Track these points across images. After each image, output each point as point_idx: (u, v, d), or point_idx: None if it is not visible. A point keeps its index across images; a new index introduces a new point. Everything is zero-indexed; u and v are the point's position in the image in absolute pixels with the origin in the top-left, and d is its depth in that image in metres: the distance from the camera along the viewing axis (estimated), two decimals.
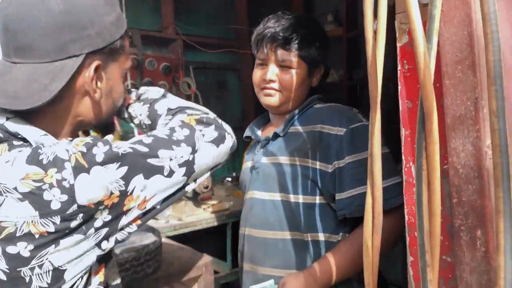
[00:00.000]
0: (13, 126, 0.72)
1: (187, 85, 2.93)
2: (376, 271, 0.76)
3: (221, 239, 2.43)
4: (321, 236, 1.21)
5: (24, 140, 0.73)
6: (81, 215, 0.69)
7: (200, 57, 3.12)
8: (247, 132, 1.45)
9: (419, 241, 0.63)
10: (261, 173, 1.29)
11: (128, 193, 0.72)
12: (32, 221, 0.66)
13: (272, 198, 1.26)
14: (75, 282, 0.73)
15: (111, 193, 0.70)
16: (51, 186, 0.66)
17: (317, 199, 1.21)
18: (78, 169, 0.68)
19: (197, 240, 2.11)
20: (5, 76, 0.73)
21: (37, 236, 0.67)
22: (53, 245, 0.68)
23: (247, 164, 1.42)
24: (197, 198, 2.53)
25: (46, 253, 0.68)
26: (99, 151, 0.70)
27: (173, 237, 1.94)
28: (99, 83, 0.79)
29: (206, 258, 1.42)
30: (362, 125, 1.19)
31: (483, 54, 0.59)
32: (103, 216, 0.71)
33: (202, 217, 2.32)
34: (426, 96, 0.59)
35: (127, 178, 0.71)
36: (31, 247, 0.67)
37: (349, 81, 3.15)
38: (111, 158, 0.70)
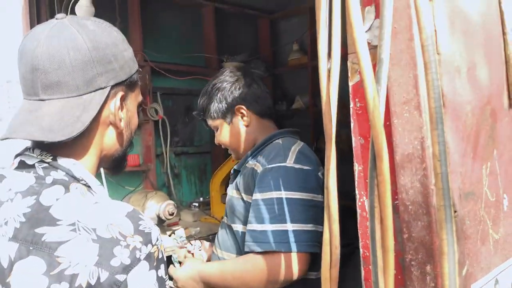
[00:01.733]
0: (78, 170, 0.77)
1: (155, 110, 2.92)
2: None
3: None
4: None
5: (87, 186, 0.77)
6: None
7: (168, 83, 3.12)
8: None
9: (373, 277, 0.64)
10: (228, 201, 1.44)
11: None
12: (85, 266, 0.66)
13: (228, 224, 1.41)
14: None
15: None
16: (127, 246, 0.69)
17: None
18: (149, 259, 0.71)
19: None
20: (37, 112, 0.75)
21: (77, 283, 0.65)
22: None
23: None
24: (162, 225, 2.49)
25: None
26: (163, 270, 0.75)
27: None
28: (122, 114, 0.83)
29: None
30: (279, 166, 1.24)
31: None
32: None
33: (167, 244, 2.28)
34: (376, 136, 0.61)
35: None
36: None
37: (315, 107, 3.21)
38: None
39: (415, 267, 0.67)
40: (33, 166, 0.76)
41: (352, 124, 0.79)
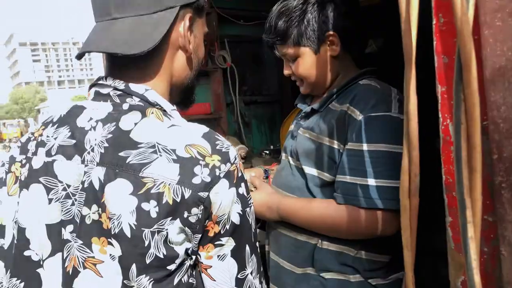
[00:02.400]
0: (152, 95, 0.78)
1: (223, 58, 2.93)
2: (415, 233, 0.75)
3: None
4: None
5: (162, 109, 0.79)
6: (202, 207, 0.71)
7: (235, 30, 3.10)
8: (296, 101, 1.46)
9: (458, 197, 0.61)
10: (296, 141, 1.31)
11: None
12: (169, 184, 0.69)
13: (296, 165, 1.30)
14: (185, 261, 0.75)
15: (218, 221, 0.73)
16: (206, 165, 0.71)
17: (330, 178, 1.20)
18: (229, 177, 0.73)
19: None
20: (109, 30, 0.77)
21: (164, 200, 0.69)
22: (171, 218, 0.70)
23: (290, 128, 1.45)
24: None
25: (166, 222, 0.70)
26: (244, 188, 0.77)
27: None
28: (191, 37, 0.84)
29: None
30: (384, 115, 1.11)
31: None
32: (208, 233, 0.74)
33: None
34: (463, 44, 0.56)
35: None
36: (157, 209, 0.69)
37: (390, 50, 3.04)
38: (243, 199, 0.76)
39: (505, 190, 0.62)
40: (108, 94, 0.79)
41: (434, 43, 0.73)
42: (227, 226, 0.73)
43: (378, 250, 1.19)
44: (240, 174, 0.75)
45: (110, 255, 0.71)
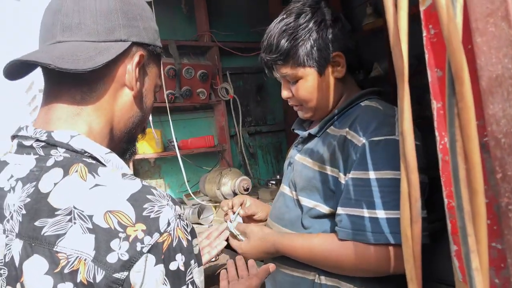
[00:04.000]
0: (78, 143, 0.68)
1: (225, 90, 2.92)
2: (419, 264, 0.68)
3: None
4: None
5: (92, 157, 0.69)
6: None
7: (237, 62, 3.11)
8: (293, 126, 1.38)
9: (459, 223, 0.54)
10: (292, 169, 1.24)
11: None
12: (85, 260, 0.58)
13: (291, 196, 1.22)
14: None
15: None
16: (126, 238, 0.59)
17: (327, 210, 1.12)
18: (156, 251, 0.60)
19: None
20: (47, 49, 0.71)
21: (78, 279, 0.58)
22: None
23: (288, 155, 1.38)
24: None
25: None
26: (181, 261, 0.63)
27: None
28: (140, 77, 0.78)
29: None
30: (387, 140, 1.02)
31: None
32: None
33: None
34: (453, 53, 0.51)
35: None
36: None
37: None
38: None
39: None
40: (31, 147, 0.69)
41: (426, 56, 0.68)
42: None
43: (382, 285, 1.10)
44: (175, 244, 0.61)
45: None
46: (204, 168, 2.89)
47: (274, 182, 2.86)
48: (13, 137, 0.73)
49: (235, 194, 2.35)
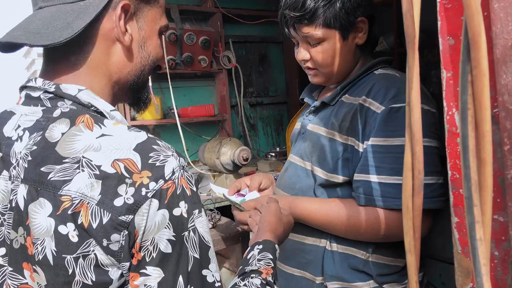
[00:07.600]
0: (86, 96, 0.70)
1: (227, 59, 2.88)
2: (419, 236, 0.68)
3: None
4: None
5: (98, 112, 0.70)
6: (125, 233, 0.61)
7: (240, 30, 3.05)
8: (302, 95, 1.36)
9: (465, 193, 0.53)
10: (305, 139, 1.22)
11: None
12: (88, 203, 0.60)
13: (303, 166, 1.20)
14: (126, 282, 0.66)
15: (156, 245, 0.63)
16: (132, 184, 0.61)
17: (341, 179, 1.11)
18: (160, 196, 0.62)
19: None
20: (29, 19, 0.70)
21: (79, 221, 0.61)
22: (94, 240, 0.61)
23: (297, 125, 1.35)
24: (237, 171, 2.49)
25: (91, 244, 0.61)
26: (184, 208, 0.64)
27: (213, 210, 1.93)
28: (128, 28, 0.74)
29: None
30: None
31: None
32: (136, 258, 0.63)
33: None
34: (471, 18, 0.49)
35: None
36: (77, 232, 0.61)
37: (401, 48, 2.95)
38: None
39: None
40: (39, 98, 0.70)
41: (439, 24, 0.66)
42: (154, 254, 0.62)
43: (393, 253, 1.11)
44: (179, 192, 0.64)
45: (38, 283, 0.64)
46: (204, 137, 2.88)
47: (273, 154, 2.86)
48: (22, 88, 0.74)
49: (234, 164, 2.34)
